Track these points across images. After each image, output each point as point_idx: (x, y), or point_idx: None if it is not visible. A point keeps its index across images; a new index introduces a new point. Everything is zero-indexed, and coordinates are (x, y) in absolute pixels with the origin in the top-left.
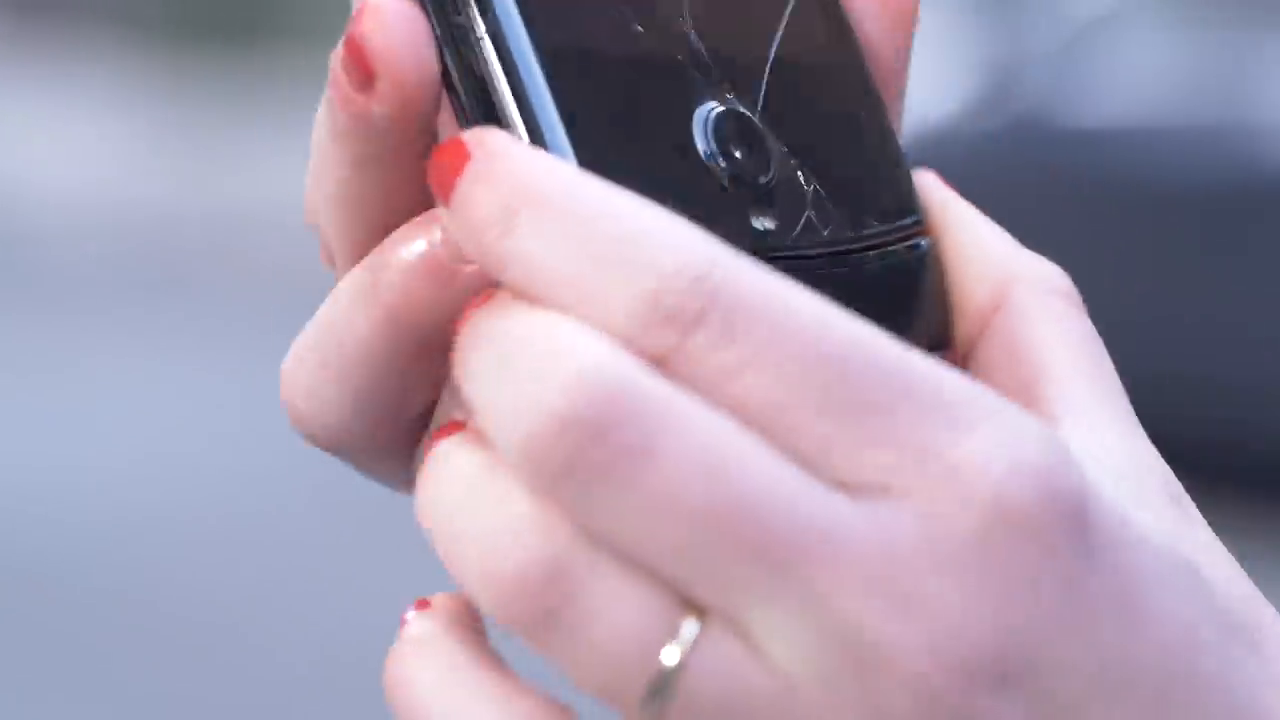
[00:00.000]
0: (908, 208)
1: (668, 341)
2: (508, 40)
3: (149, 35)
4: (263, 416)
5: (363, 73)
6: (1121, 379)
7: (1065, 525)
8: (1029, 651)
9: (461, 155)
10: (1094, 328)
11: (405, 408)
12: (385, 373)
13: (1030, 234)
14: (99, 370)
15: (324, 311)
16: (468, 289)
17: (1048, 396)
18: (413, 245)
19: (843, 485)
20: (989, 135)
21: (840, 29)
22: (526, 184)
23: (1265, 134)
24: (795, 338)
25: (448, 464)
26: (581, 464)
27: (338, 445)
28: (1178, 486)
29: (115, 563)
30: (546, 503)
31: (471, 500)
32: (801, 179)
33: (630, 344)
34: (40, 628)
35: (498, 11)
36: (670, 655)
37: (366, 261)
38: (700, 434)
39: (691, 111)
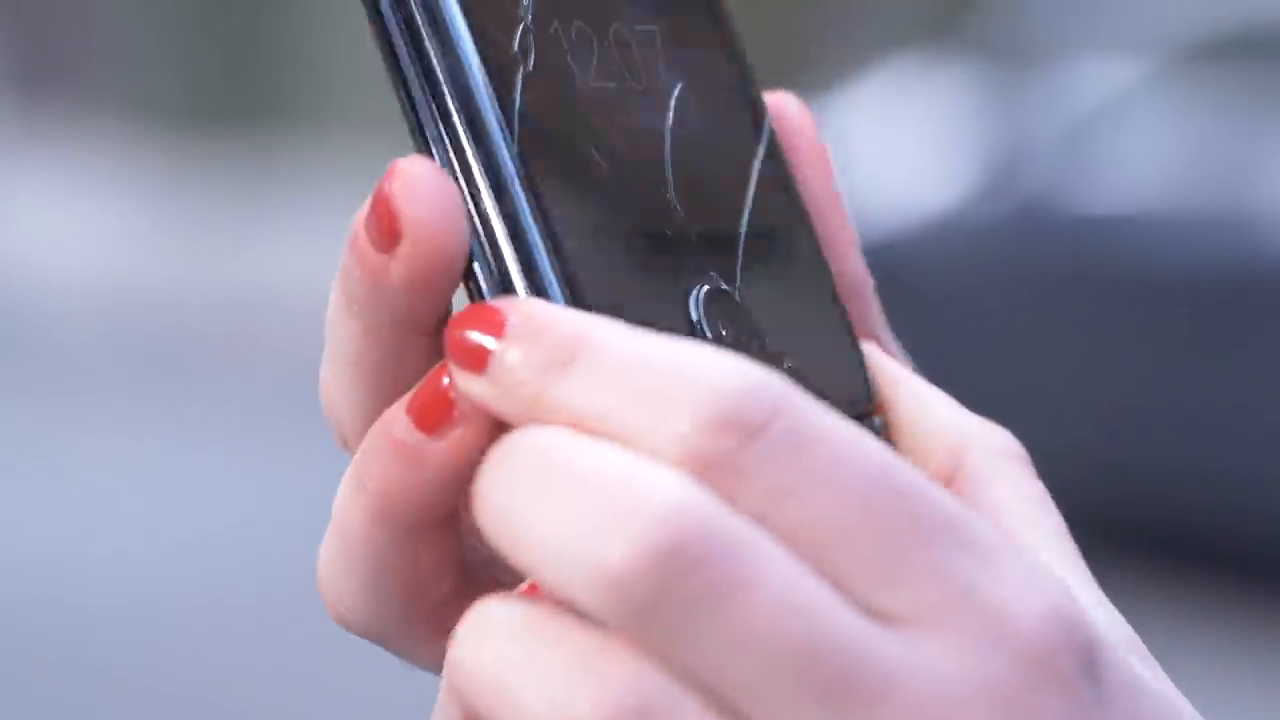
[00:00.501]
0: (860, 388)
1: (729, 447)
2: (521, 225)
3: (155, 119)
4: (264, 501)
5: (387, 232)
6: (1121, 466)
7: (1085, 669)
8: None
9: (495, 319)
10: (1044, 487)
11: (423, 591)
12: (388, 559)
13: (1032, 320)
14: (101, 452)
15: (334, 505)
16: (440, 468)
17: None
18: (384, 431)
19: (882, 614)
20: (992, 222)
21: (791, 193)
22: (572, 335)
23: (1267, 222)
24: (855, 464)
25: (491, 618)
26: (675, 596)
27: (370, 633)
28: (1143, 647)
29: (115, 647)
30: (623, 642)
31: (532, 647)
32: (777, 358)
33: (692, 457)
34: (37, 712)
35: (510, 191)
36: None
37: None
38: (784, 571)
39: (684, 287)
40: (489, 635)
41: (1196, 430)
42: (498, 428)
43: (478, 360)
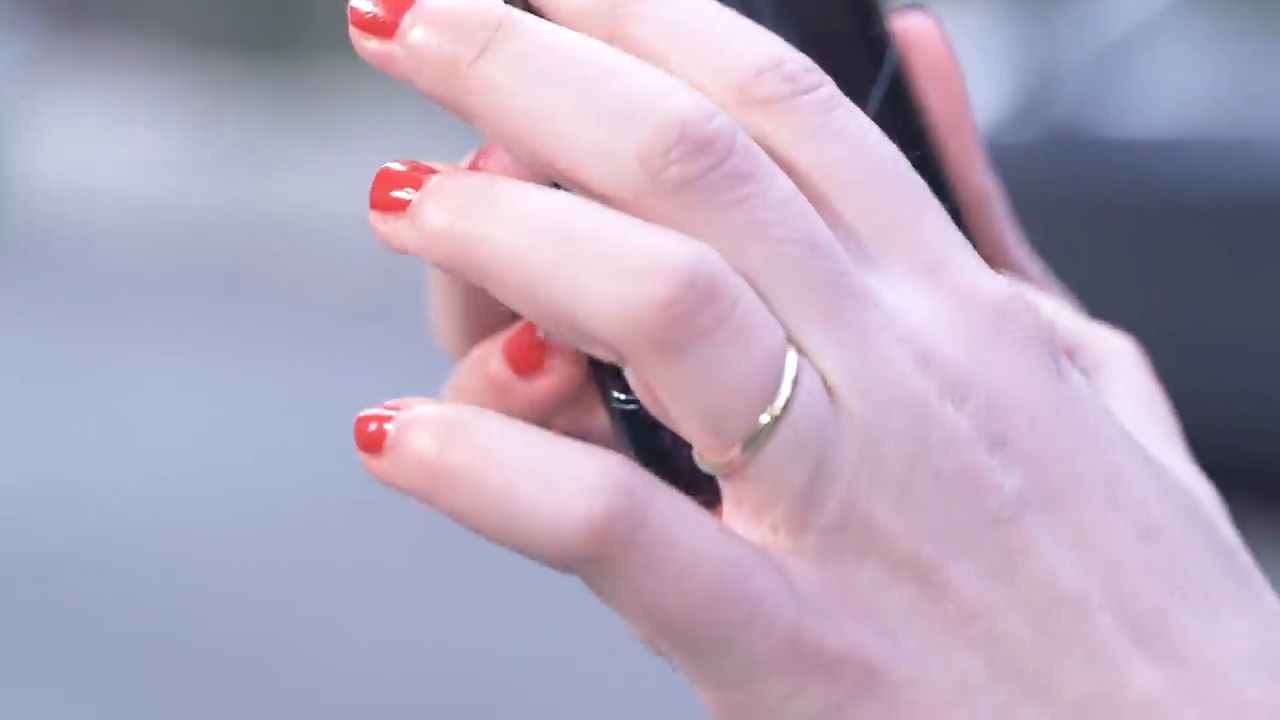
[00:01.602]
0: None
1: (776, 91)
2: None
3: (195, 46)
4: (301, 416)
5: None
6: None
7: (1051, 352)
8: (1012, 417)
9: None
10: (1157, 385)
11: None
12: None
13: (1067, 243)
14: (143, 366)
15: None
16: (527, 405)
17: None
18: (480, 363)
19: (868, 260)
20: (1024, 146)
21: (911, 119)
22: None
23: None
24: (877, 139)
25: (539, 200)
26: (702, 179)
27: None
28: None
29: (154, 564)
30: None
31: (588, 226)
32: None
33: (740, 88)
34: (74, 631)
35: None
36: (784, 388)
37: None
38: (788, 184)
39: None
40: (539, 212)
41: (1226, 354)
42: (583, 378)
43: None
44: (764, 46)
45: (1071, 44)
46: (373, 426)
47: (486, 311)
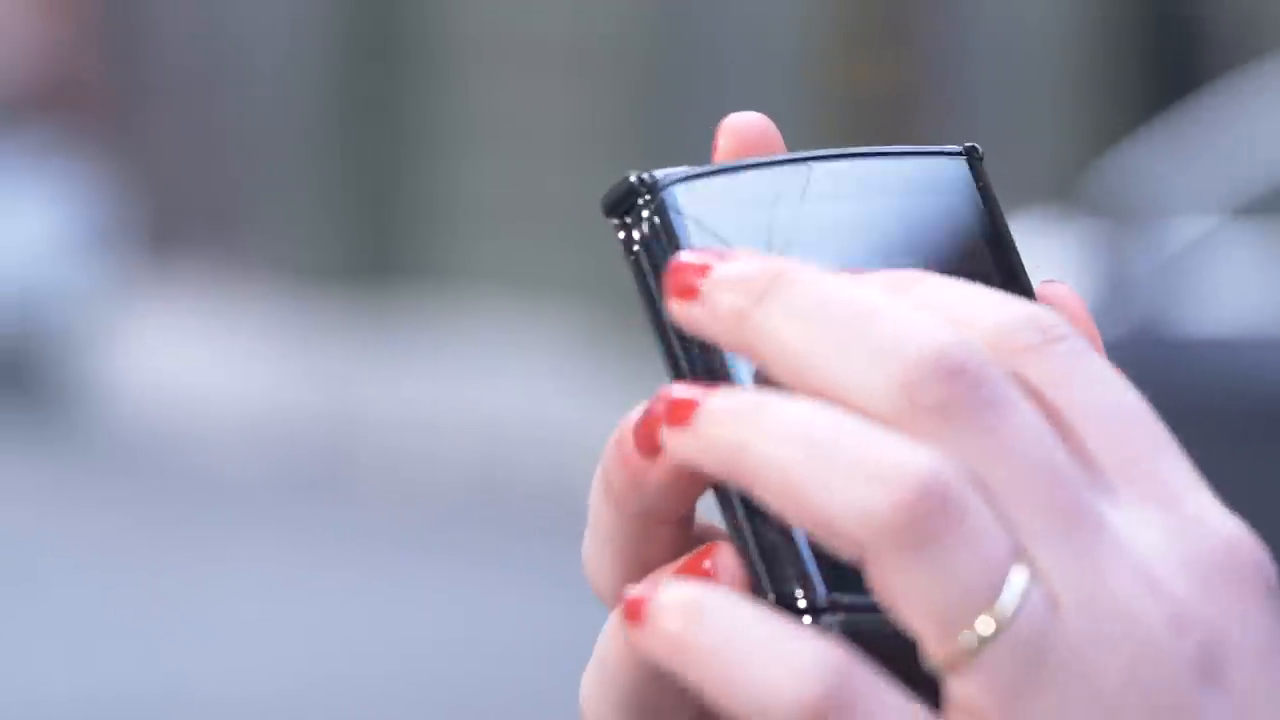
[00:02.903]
0: None
1: (1034, 341)
2: None
3: (290, 269)
4: (391, 618)
5: (651, 446)
6: None
7: (1269, 586)
8: (1230, 653)
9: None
10: None
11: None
12: (641, 692)
13: None
14: (239, 573)
15: (599, 640)
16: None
17: None
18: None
19: (1111, 493)
20: (1109, 344)
21: None
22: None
23: None
24: (1116, 378)
25: (800, 417)
26: (956, 405)
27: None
28: None
29: None
30: (909, 436)
31: (841, 438)
32: None
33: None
34: None
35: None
36: (1010, 595)
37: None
38: (1035, 416)
39: None
40: (803, 428)
41: None
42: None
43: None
44: (1016, 303)
45: (1142, 256)
46: (635, 600)
47: (641, 559)
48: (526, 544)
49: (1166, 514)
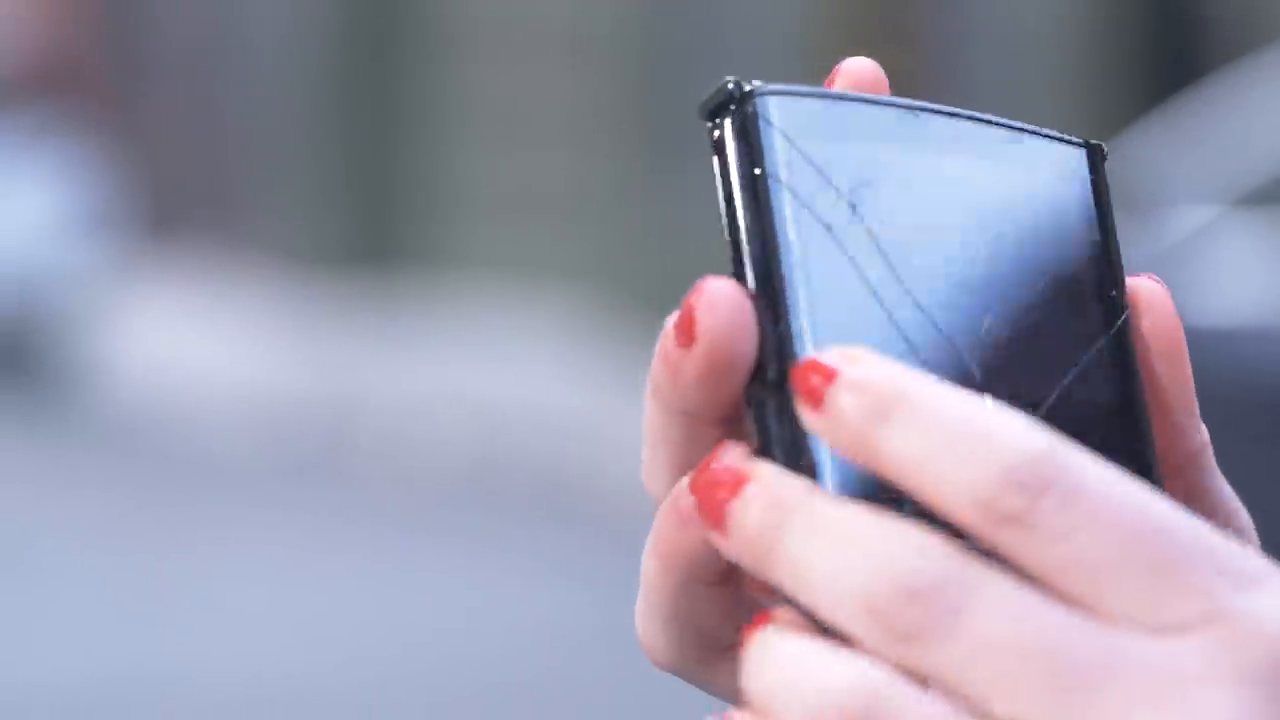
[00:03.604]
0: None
1: (1019, 505)
2: (795, 347)
3: (288, 252)
4: (387, 599)
5: (687, 334)
6: None
7: None
8: None
9: (829, 370)
10: None
11: (711, 636)
12: (678, 607)
13: None
14: (235, 553)
15: (642, 560)
16: (701, 535)
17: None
18: (673, 500)
19: (1145, 629)
20: None
21: (1124, 381)
22: (895, 387)
23: None
24: (1115, 507)
25: (770, 650)
26: (916, 619)
27: (674, 670)
28: None
29: None
30: (875, 658)
31: (801, 673)
32: None
33: (988, 509)
34: None
35: (792, 322)
36: None
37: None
38: (1003, 591)
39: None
40: (772, 664)
41: None
42: None
43: (815, 399)
44: (996, 453)
45: (1142, 247)
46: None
47: (688, 460)
48: (525, 528)
49: (1208, 630)
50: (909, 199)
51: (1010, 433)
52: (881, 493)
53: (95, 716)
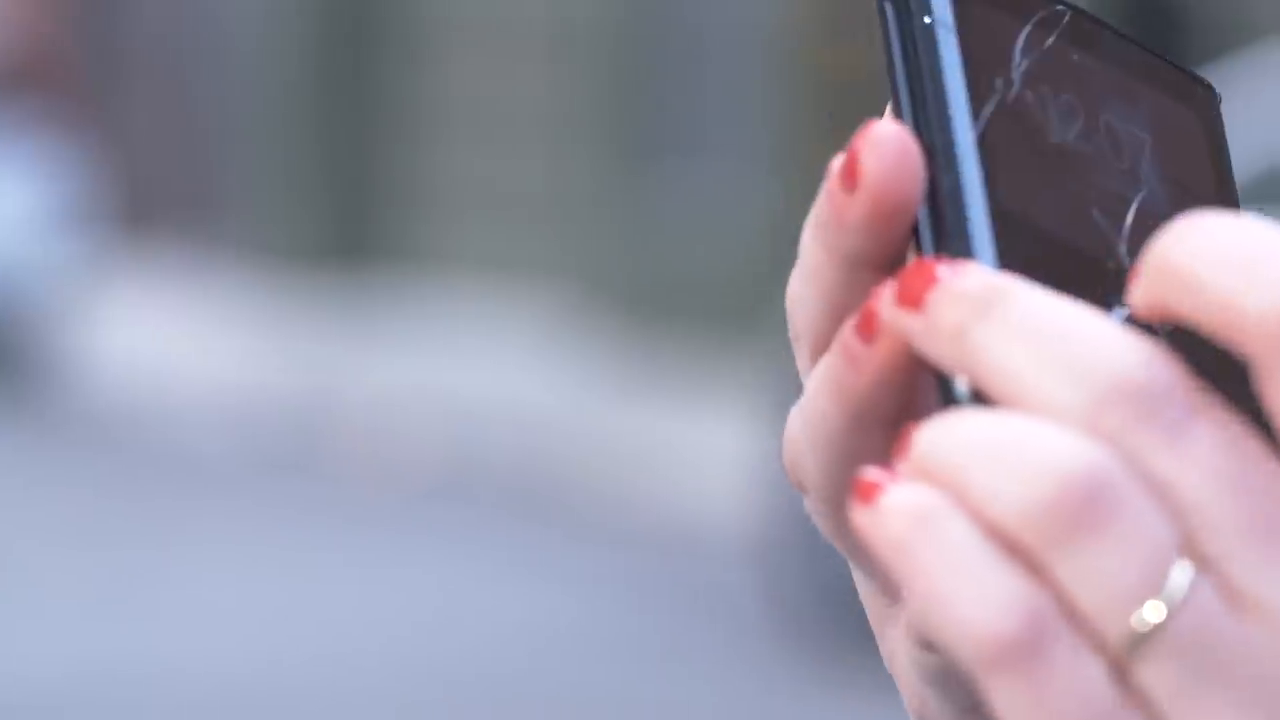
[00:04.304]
0: None
1: (1121, 424)
2: (965, 199)
3: (262, 248)
4: (362, 595)
5: (851, 176)
6: None
7: None
8: None
9: (931, 271)
10: None
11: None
12: (838, 442)
13: None
14: (210, 548)
15: (806, 388)
16: (874, 372)
17: None
18: (840, 337)
19: (1233, 592)
20: None
21: None
22: (995, 287)
23: None
24: (1227, 447)
25: (935, 524)
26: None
27: (816, 499)
28: None
29: None
30: (1023, 567)
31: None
32: None
33: (1094, 422)
34: None
35: (962, 170)
36: (1174, 588)
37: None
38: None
39: (1107, 306)
40: (938, 545)
41: None
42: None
43: (915, 301)
44: (1103, 366)
45: None
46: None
47: (842, 301)
48: (499, 525)
49: None
50: (1068, 80)
51: (1121, 345)
52: None
53: (70, 712)
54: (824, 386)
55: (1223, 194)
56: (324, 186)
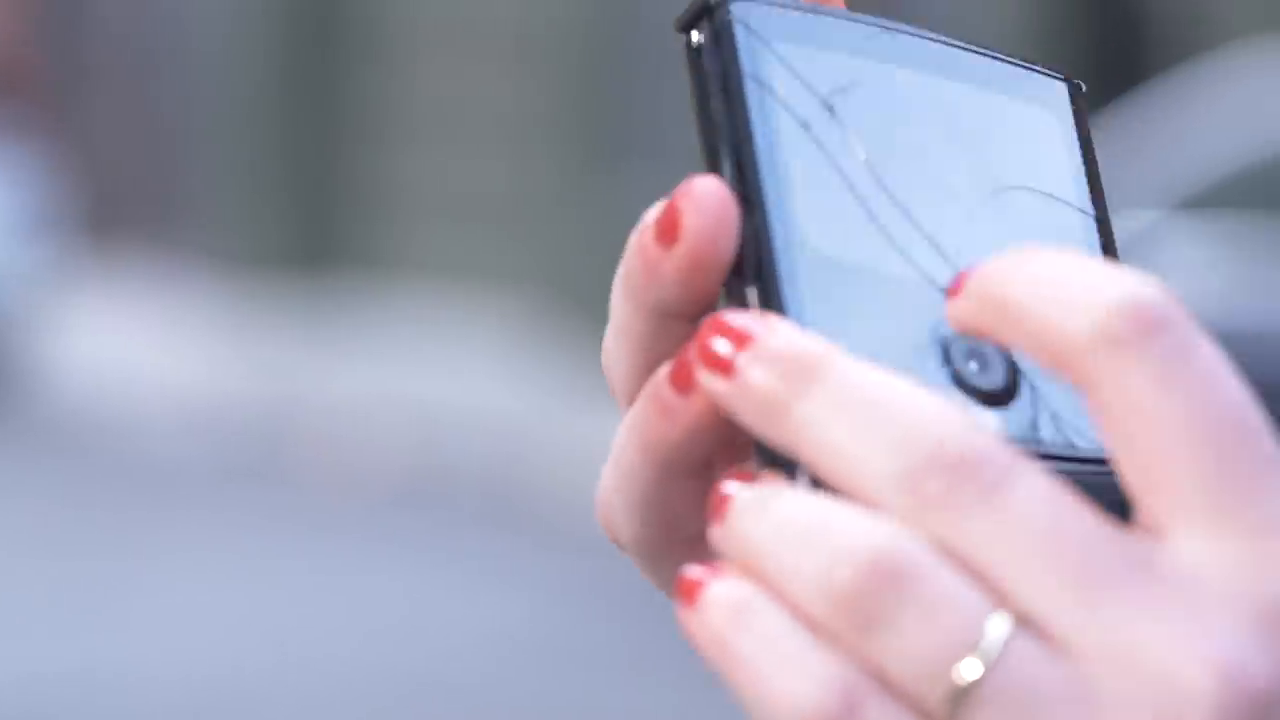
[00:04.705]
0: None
1: (936, 491)
2: (775, 247)
3: (227, 256)
4: (328, 601)
5: (668, 231)
6: None
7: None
8: None
9: (742, 334)
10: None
11: (677, 526)
12: (650, 493)
13: None
14: (176, 555)
15: (614, 441)
16: (688, 423)
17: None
18: (651, 388)
19: (1054, 640)
20: None
21: None
22: (811, 356)
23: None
24: (1048, 507)
25: (750, 616)
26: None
27: (633, 551)
28: None
29: None
30: (835, 645)
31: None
32: (1029, 391)
33: (914, 489)
34: None
35: (772, 218)
36: (989, 644)
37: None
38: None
39: (927, 324)
40: (747, 631)
41: None
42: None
43: (723, 367)
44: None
45: None
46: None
47: (655, 352)
48: (464, 531)
49: (1250, 545)
50: (886, 108)
51: (938, 416)
52: None
53: (32, 717)
54: (632, 438)
55: (1083, 187)
56: (288, 191)
